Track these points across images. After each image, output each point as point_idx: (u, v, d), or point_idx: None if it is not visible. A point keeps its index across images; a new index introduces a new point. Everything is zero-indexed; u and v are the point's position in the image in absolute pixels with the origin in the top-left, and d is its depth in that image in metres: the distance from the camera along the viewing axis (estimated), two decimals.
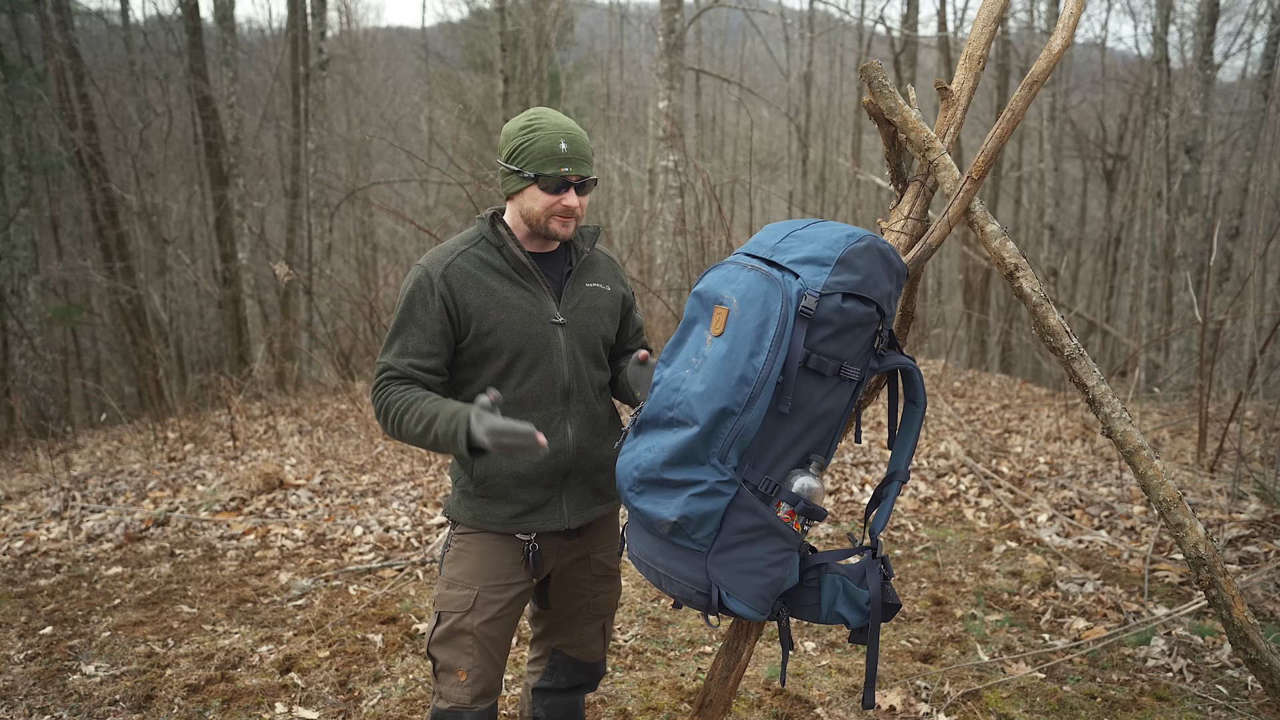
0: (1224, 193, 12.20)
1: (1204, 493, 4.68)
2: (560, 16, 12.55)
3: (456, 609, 1.96)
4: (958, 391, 8.33)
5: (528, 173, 1.89)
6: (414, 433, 1.86)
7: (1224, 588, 1.93)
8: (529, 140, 1.88)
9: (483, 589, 1.97)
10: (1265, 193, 11.44)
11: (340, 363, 9.04)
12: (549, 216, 1.92)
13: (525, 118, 1.93)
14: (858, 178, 12.81)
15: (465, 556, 2.01)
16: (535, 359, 1.96)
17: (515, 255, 1.96)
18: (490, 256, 1.97)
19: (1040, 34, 14.25)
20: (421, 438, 1.85)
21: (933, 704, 2.87)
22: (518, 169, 1.90)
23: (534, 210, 1.92)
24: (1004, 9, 1.98)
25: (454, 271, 1.93)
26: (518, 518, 1.98)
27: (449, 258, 1.95)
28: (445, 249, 1.98)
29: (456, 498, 2.05)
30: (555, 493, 2.00)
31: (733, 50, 24.85)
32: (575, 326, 2.01)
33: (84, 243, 14.13)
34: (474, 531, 2.01)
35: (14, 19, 11.56)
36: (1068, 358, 1.91)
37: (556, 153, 1.88)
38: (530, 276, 1.98)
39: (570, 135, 1.90)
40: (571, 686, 2.25)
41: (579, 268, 2.05)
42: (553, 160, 1.88)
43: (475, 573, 1.98)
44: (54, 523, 5.00)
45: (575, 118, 17.08)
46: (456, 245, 1.98)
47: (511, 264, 1.97)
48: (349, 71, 20.68)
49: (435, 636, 1.99)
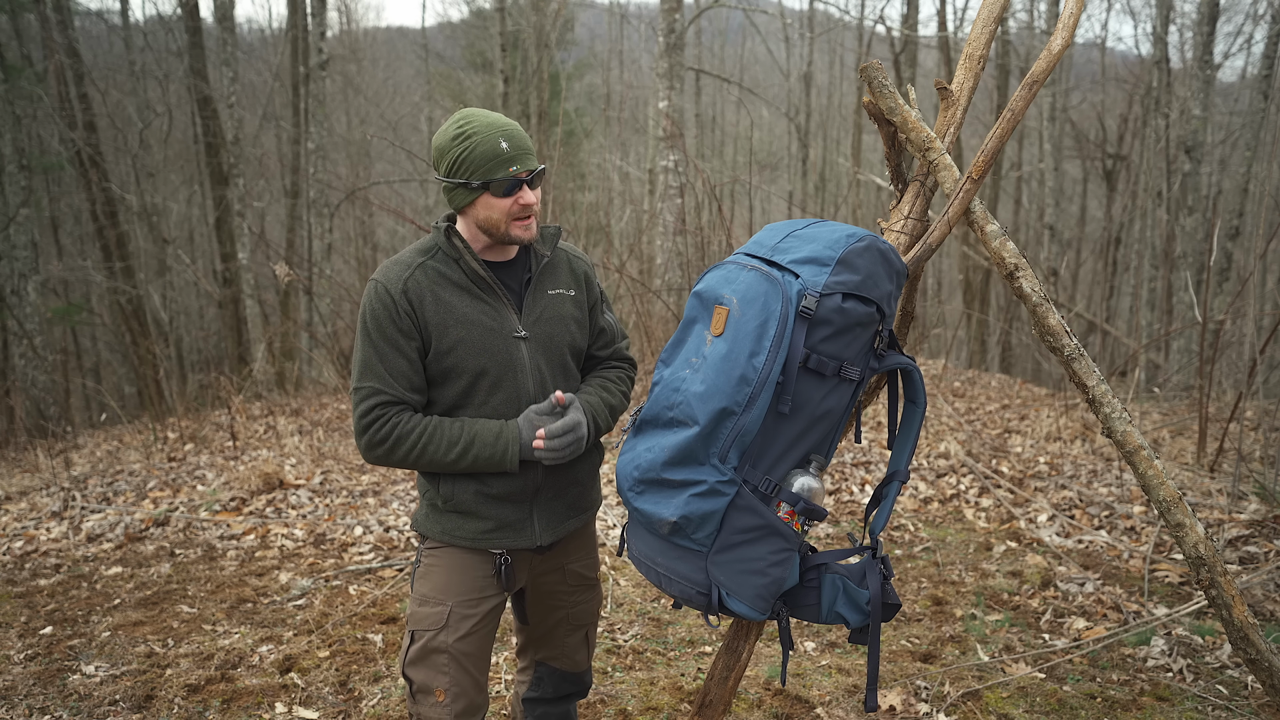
0: (1224, 193, 12.20)
1: (1204, 493, 4.68)
2: (560, 16, 12.54)
3: (430, 626, 1.89)
4: (958, 391, 8.33)
5: (475, 182, 1.79)
6: (442, 460, 1.82)
7: (1224, 588, 1.93)
8: (466, 148, 1.78)
9: (455, 604, 1.90)
10: (1265, 193, 11.44)
11: (340, 363, 9.03)
12: (509, 221, 1.83)
13: (454, 125, 1.81)
14: (858, 178, 12.81)
15: (435, 571, 1.94)
16: (499, 377, 1.88)
17: (473, 268, 1.86)
18: (448, 269, 1.87)
19: (1040, 34, 14.26)
20: (454, 464, 1.82)
21: (933, 704, 2.88)
22: (463, 181, 1.80)
23: (492, 219, 1.83)
24: (1004, 9, 1.98)
25: (413, 286, 1.84)
26: (488, 534, 1.92)
27: (406, 271, 1.85)
28: (400, 262, 1.88)
29: (425, 511, 1.96)
30: (526, 510, 1.94)
31: (733, 50, 24.85)
32: (539, 339, 1.92)
33: (84, 243, 14.14)
34: (443, 546, 1.95)
35: (14, 19, 11.56)
36: (1068, 358, 1.91)
37: (499, 153, 1.78)
38: (490, 289, 1.89)
39: (507, 131, 1.80)
40: (560, 696, 2.21)
41: (539, 274, 1.95)
42: (498, 162, 1.78)
43: (447, 588, 1.91)
44: (54, 523, 5.00)
45: (575, 118, 17.13)
46: (413, 258, 1.88)
47: (470, 277, 1.88)
48: (349, 71, 20.69)
49: (410, 657, 1.90)
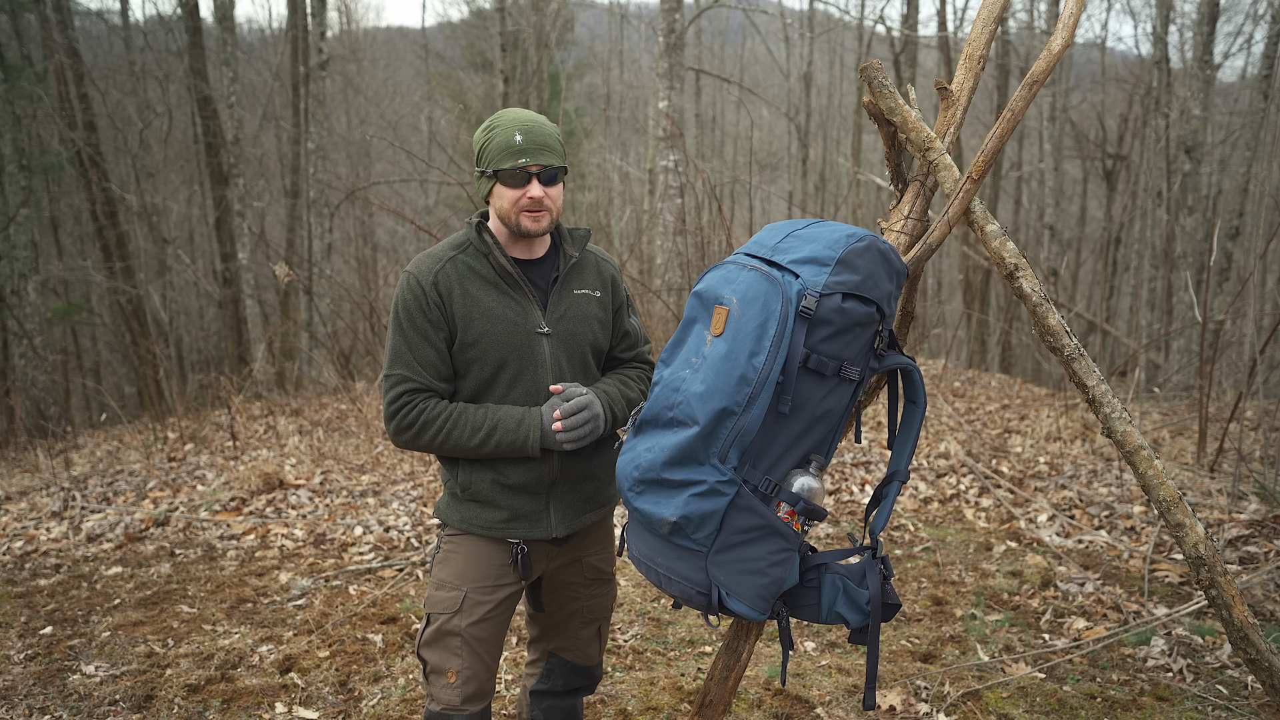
0: (1224, 193, 12.21)
1: (1204, 493, 4.68)
2: (560, 16, 12.54)
3: (445, 610, 1.96)
4: (958, 391, 8.32)
5: (489, 170, 1.89)
6: (466, 445, 1.89)
7: (1224, 588, 1.93)
8: (487, 139, 1.89)
9: (470, 590, 1.97)
10: (1265, 193, 11.43)
11: (340, 363, 9.04)
12: (518, 212, 1.89)
13: (488, 119, 1.93)
14: (858, 178, 12.81)
15: (454, 558, 2.00)
16: (519, 370, 1.94)
17: (501, 263, 1.93)
18: (477, 264, 1.95)
19: (1040, 34, 14.25)
20: (477, 449, 1.90)
21: (933, 704, 2.88)
22: (482, 169, 1.91)
23: (503, 207, 1.91)
24: (1004, 9, 1.98)
25: (443, 278, 1.92)
26: (504, 523, 1.97)
27: (437, 264, 1.93)
28: (433, 255, 1.96)
29: (446, 500, 2.04)
30: (542, 502, 1.99)
31: (733, 50, 24.85)
32: (561, 336, 1.98)
33: (84, 243, 14.14)
34: (462, 534, 2.01)
35: (14, 19, 11.56)
36: (1068, 358, 1.91)
37: (512, 145, 1.86)
38: (516, 285, 1.95)
39: (526, 126, 1.87)
40: (569, 690, 2.24)
41: (566, 273, 2.02)
42: (509, 153, 1.86)
43: (463, 574, 1.98)
44: (54, 523, 5.00)
45: (575, 118, 17.13)
46: (445, 251, 1.96)
47: (498, 272, 1.95)
48: (349, 71, 20.68)
49: (425, 638, 1.99)
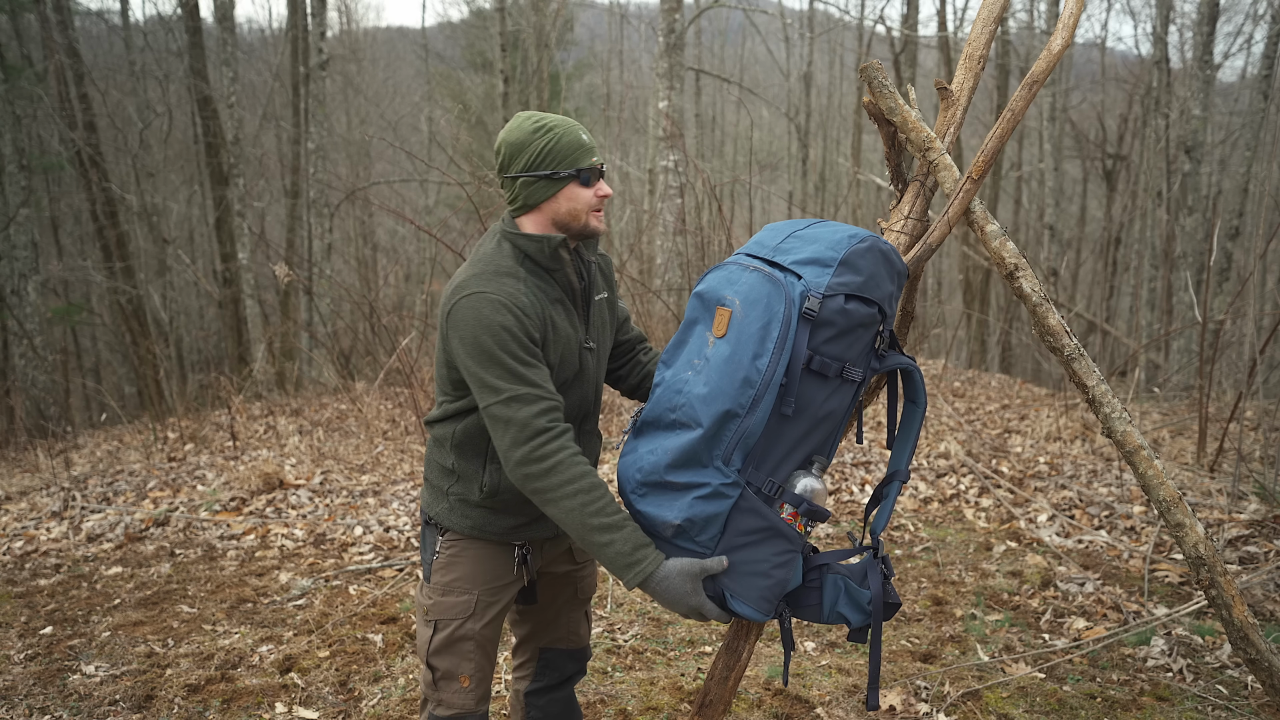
0: (1224, 193, 12.20)
1: (1204, 493, 4.68)
2: (560, 16, 12.55)
3: (457, 615, 1.92)
4: (958, 391, 8.32)
5: (563, 171, 1.78)
6: (576, 520, 1.67)
7: (1224, 588, 1.93)
8: (552, 139, 1.78)
9: (481, 593, 1.94)
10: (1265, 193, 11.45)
11: (340, 363, 9.04)
12: (589, 213, 1.82)
13: (528, 122, 1.80)
14: (858, 178, 12.82)
15: (460, 562, 1.95)
16: (569, 387, 1.87)
17: (570, 281, 1.84)
18: (543, 281, 1.83)
19: (1040, 34, 14.25)
20: (582, 529, 1.67)
21: (933, 704, 2.88)
22: (549, 172, 1.78)
23: (575, 209, 1.81)
24: (1004, 9, 1.98)
25: (526, 299, 1.77)
26: (518, 528, 1.94)
27: (515, 284, 1.78)
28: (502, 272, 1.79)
29: (449, 505, 1.94)
30: None
31: (733, 50, 24.84)
32: (598, 350, 1.94)
33: (84, 243, 14.14)
34: (466, 538, 1.96)
35: (14, 19, 11.56)
36: (1068, 358, 1.91)
37: (583, 144, 1.80)
38: (575, 301, 1.87)
39: (582, 126, 1.86)
40: (564, 679, 2.23)
41: (590, 280, 1.93)
42: (583, 151, 1.80)
43: (473, 577, 1.94)
44: (54, 523, 5.00)
45: (575, 118, 17.11)
46: (513, 268, 1.81)
47: (564, 288, 1.84)
48: (349, 71, 20.67)
49: (435, 646, 1.93)
